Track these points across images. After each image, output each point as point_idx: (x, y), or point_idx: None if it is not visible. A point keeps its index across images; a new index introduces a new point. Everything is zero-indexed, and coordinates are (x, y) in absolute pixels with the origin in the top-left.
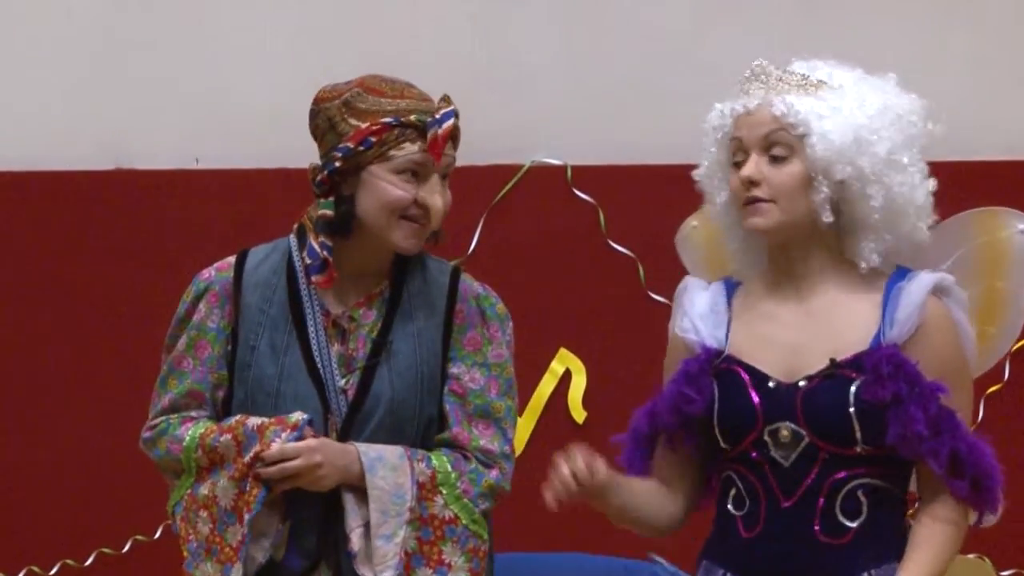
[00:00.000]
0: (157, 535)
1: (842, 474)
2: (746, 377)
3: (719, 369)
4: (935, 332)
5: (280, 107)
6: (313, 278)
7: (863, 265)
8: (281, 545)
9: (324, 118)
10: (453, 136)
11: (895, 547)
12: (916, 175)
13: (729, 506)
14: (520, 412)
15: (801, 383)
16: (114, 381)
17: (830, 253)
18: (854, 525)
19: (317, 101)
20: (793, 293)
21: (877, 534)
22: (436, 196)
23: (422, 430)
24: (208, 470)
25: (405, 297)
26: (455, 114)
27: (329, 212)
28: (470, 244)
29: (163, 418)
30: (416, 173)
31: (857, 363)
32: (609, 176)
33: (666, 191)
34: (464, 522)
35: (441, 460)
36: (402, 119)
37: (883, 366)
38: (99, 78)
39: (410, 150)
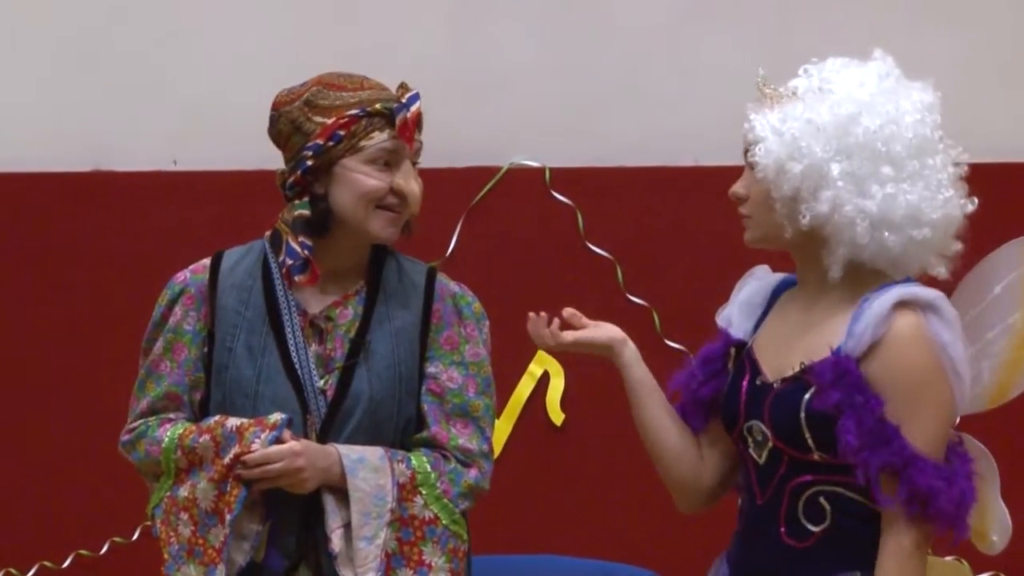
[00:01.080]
0: (135, 537)
1: (806, 478)
2: (748, 369)
3: (739, 359)
4: (895, 345)
5: (259, 109)
6: (297, 278)
7: (830, 276)
8: (261, 546)
9: (286, 121)
10: (418, 121)
11: (860, 556)
12: (871, 186)
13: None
14: (498, 414)
15: (776, 384)
16: (93, 383)
17: (823, 263)
18: (816, 530)
19: (276, 106)
20: (804, 297)
21: (841, 541)
22: (411, 181)
23: (401, 430)
24: (187, 471)
25: (382, 297)
26: (419, 97)
27: (306, 212)
28: (448, 246)
29: (141, 421)
30: (388, 162)
31: (816, 371)
32: (587, 178)
33: (644, 193)
34: (444, 522)
35: (420, 460)
36: (368, 109)
37: (827, 374)
38: (77, 79)
39: (380, 138)
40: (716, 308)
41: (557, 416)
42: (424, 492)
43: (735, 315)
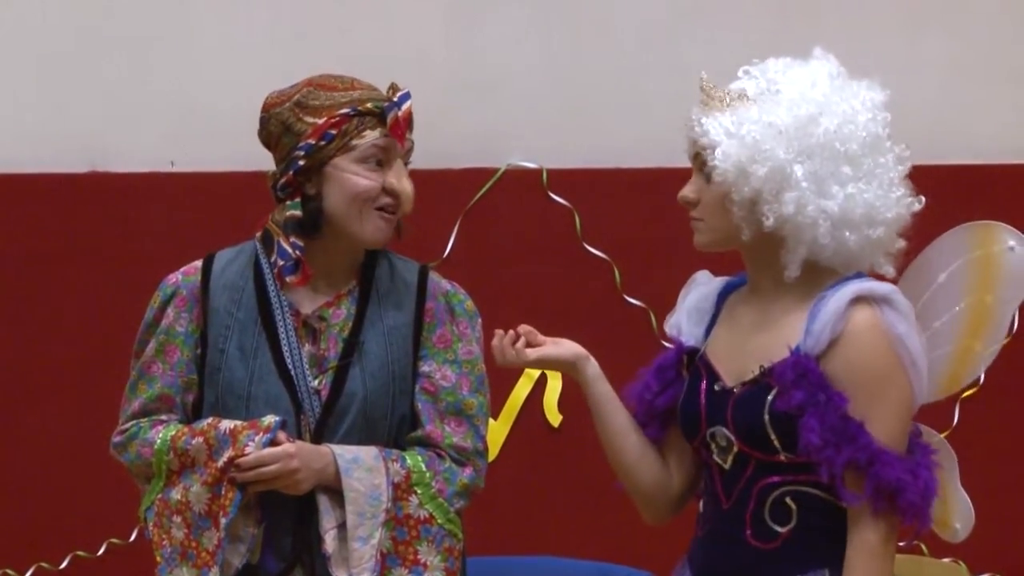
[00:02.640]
0: (132, 538)
1: (773, 479)
2: (704, 377)
3: (694, 366)
4: (854, 340)
5: (255, 110)
6: (288, 278)
7: (787, 275)
8: (256, 548)
9: (277, 122)
10: (409, 119)
11: (827, 554)
12: (831, 186)
13: (700, 503)
14: (495, 416)
15: (736, 388)
16: (89, 384)
17: (778, 263)
18: (783, 531)
19: (266, 108)
20: (756, 299)
21: (808, 541)
22: (404, 180)
23: (395, 429)
24: (178, 473)
25: (374, 296)
26: (410, 96)
27: (297, 212)
28: (446, 247)
29: (133, 422)
30: (380, 160)
31: (775, 372)
32: (585, 179)
33: (642, 194)
34: (439, 521)
35: (415, 459)
36: (359, 108)
37: (788, 374)
38: (74, 80)
39: (372, 137)
40: None
41: (554, 418)
42: (419, 491)
43: (684, 322)
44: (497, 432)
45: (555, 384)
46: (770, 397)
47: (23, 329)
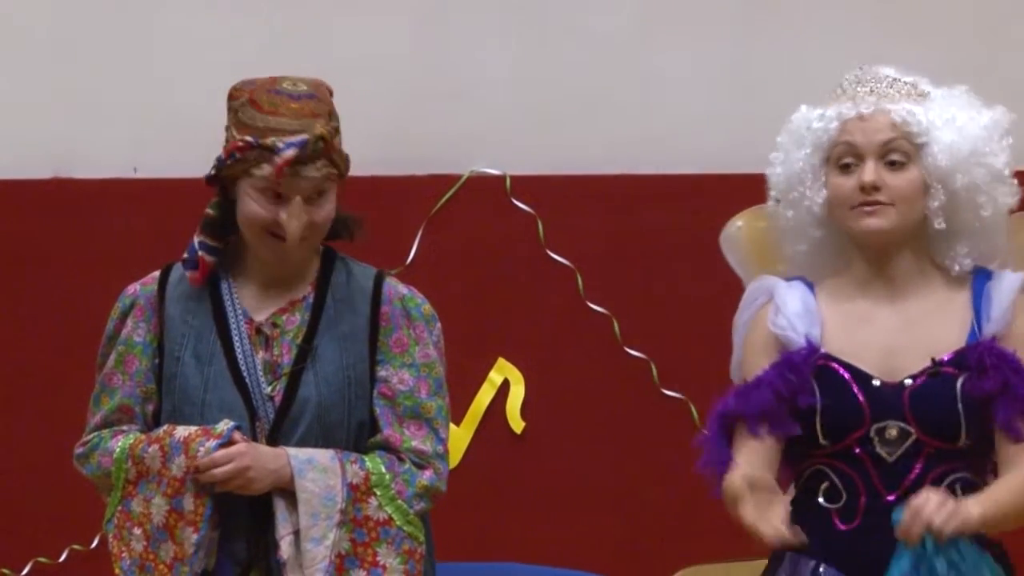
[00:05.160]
0: (94, 545)
1: (942, 468)
2: (847, 375)
3: (817, 367)
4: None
5: (219, 116)
6: (188, 274)
7: (956, 269)
8: (212, 553)
9: (228, 116)
10: (327, 155)
11: (983, 539)
12: (1016, 186)
13: (821, 499)
14: (458, 422)
15: (907, 382)
16: (51, 390)
17: (920, 256)
18: None
19: (228, 97)
20: (886, 295)
21: None
22: (292, 220)
23: (353, 435)
24: (135, 483)
25: (329, 302)
26: (304, 143)
27: (212, 212)
28: (408, 254)
29: (95, 434)
30: (278, 193)
31: (958, 360)
32: (548, 186)
33: (605, 202)
34: (398, 523)
35: (375, 462)
36: (260, 141)
37: (986, 358)
38: (38, 86)
39: (266, 171)
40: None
41: (517, 424)
42: (379, 493)
43: (798, 325)
44: (460, 438)
45: (518, 391)
46: (959, 384)
47: None
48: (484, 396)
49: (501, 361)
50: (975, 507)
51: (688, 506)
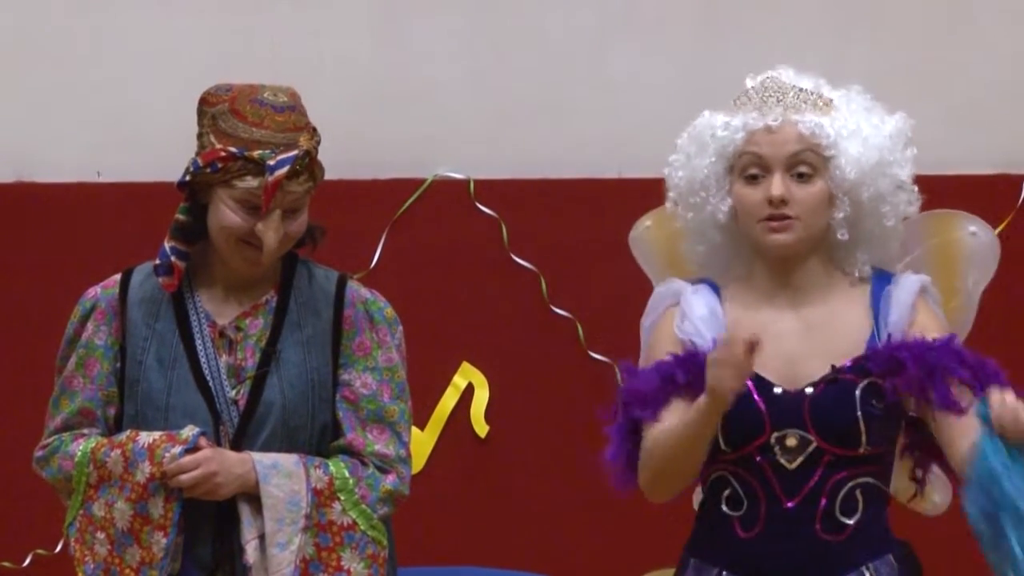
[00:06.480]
0: (58, 549)
1: (843, 474)
2: (749, 384)
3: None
4: (926, 329)
5: (183, 120)
6: (160, 279)
7: (856, 274)
8: (177, 557)
9: (200, 122)
10: (309, 169)
11: (886, 541)
12: (915, 193)
13: (723, 507)
14: (422, 426)
15: (807, 390)
16: (12, 394)
17: (823, 263)
18: (851, 522)
19: (201, 101)
20: (788, 303)
21: (871, 530)
22: (270, 232)
23: (316, 438)
24: (96, 487)
25: (292, 306)
26: (295, 160)
27: (183, 217)
28: (372, 258)
29: (55, 437)
30: (256, 206)
31: (858, 367)
32: (511, 190)
33: (569, 205)
34: (362, 528)
35: (339, 467)
36: (246, 153)
37: (899, 353)
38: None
39: (250, 184)
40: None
41: (481, 428)
42: (342, 498)
43: (703, 329)
44: (424, 442)
45: (482, 395)
46: (858, 392)
47: None
48: (448, 400)
49: (465, 365)
50: None
51: (655, 510)
